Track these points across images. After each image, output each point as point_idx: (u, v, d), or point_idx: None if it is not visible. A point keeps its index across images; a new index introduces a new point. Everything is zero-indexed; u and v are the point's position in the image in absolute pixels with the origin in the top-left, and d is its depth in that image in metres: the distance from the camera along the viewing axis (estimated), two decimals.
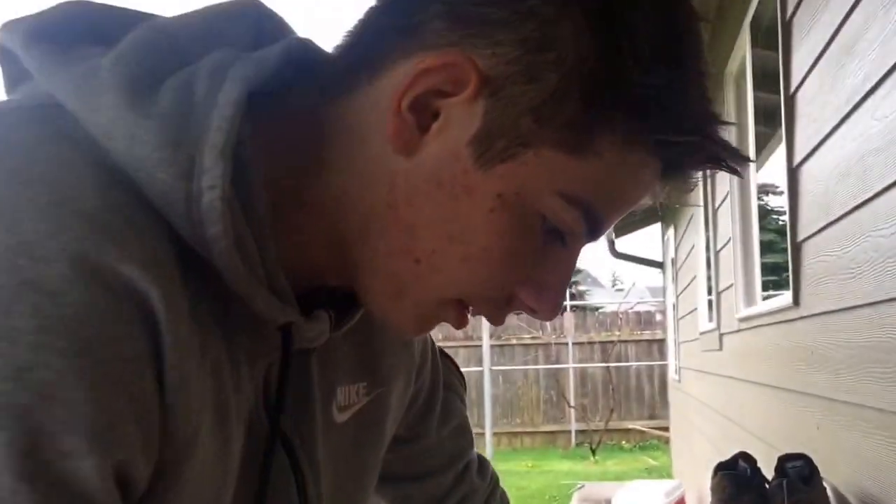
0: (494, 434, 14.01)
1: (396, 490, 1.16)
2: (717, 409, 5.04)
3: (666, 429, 11.49)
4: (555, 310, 0.81)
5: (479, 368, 13.78)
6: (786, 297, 2.94)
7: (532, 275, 0.79)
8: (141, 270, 0.63)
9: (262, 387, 0.80)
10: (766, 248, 5.10)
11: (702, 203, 5.67)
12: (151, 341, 0.64)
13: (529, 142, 0.74)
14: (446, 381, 1.18)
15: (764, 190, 17.49)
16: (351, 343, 0.93)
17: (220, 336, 0.73)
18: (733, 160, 0.78)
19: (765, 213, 17.21)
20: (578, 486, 10.15)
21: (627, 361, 14.90)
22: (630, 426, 14.39)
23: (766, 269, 5.21)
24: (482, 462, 1.26)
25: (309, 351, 0.85)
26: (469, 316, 0.82)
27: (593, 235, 0.80)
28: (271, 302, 0.74)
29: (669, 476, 8.53)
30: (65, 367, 0.59)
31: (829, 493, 1.86)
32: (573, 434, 14.78)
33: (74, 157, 0.66)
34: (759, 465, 1.91)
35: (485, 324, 13.93)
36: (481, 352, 13.92)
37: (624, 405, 14.78)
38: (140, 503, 0.65)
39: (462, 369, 1.27)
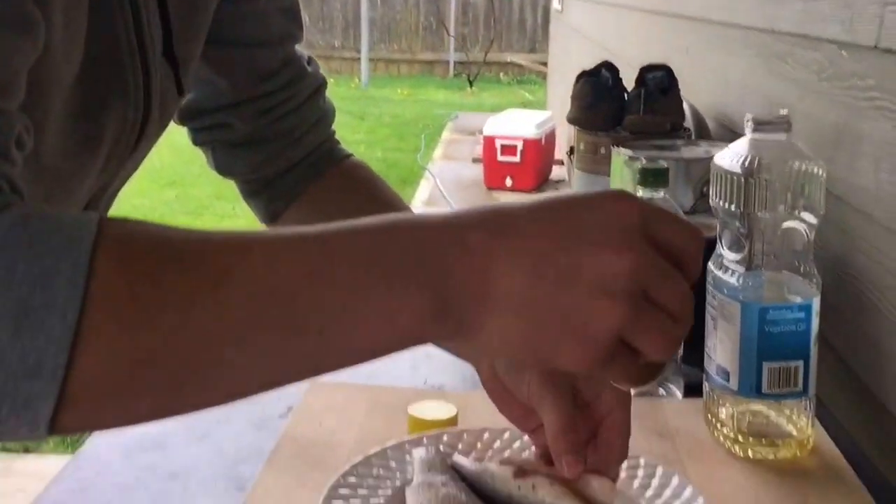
0: (371, 60, 13.93)
1: (220, 54, 1.11)
2: (596, 40, 5.01)
3: (545, 64, 11.53)
4: None
5: None
6: None
7: None
8: None
9: None
10: None
11: None
12: None
13: None
14: None
15: None
16: None
17: None
18: None
19: None
20: (453, 115, 10.27)
21: None
22: (510, 59, 14.38)
23: None
24: (313, 60, 1.23)
25: None
26: None
27: None
28: None
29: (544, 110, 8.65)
30: None
31: (686, 108, 1.86)
32: (451, 64, 14.75)
33: None
34: (622, 77, 1.89)
35: None
36: None
37: (505, 37, 14.70)
38: None
39: None
